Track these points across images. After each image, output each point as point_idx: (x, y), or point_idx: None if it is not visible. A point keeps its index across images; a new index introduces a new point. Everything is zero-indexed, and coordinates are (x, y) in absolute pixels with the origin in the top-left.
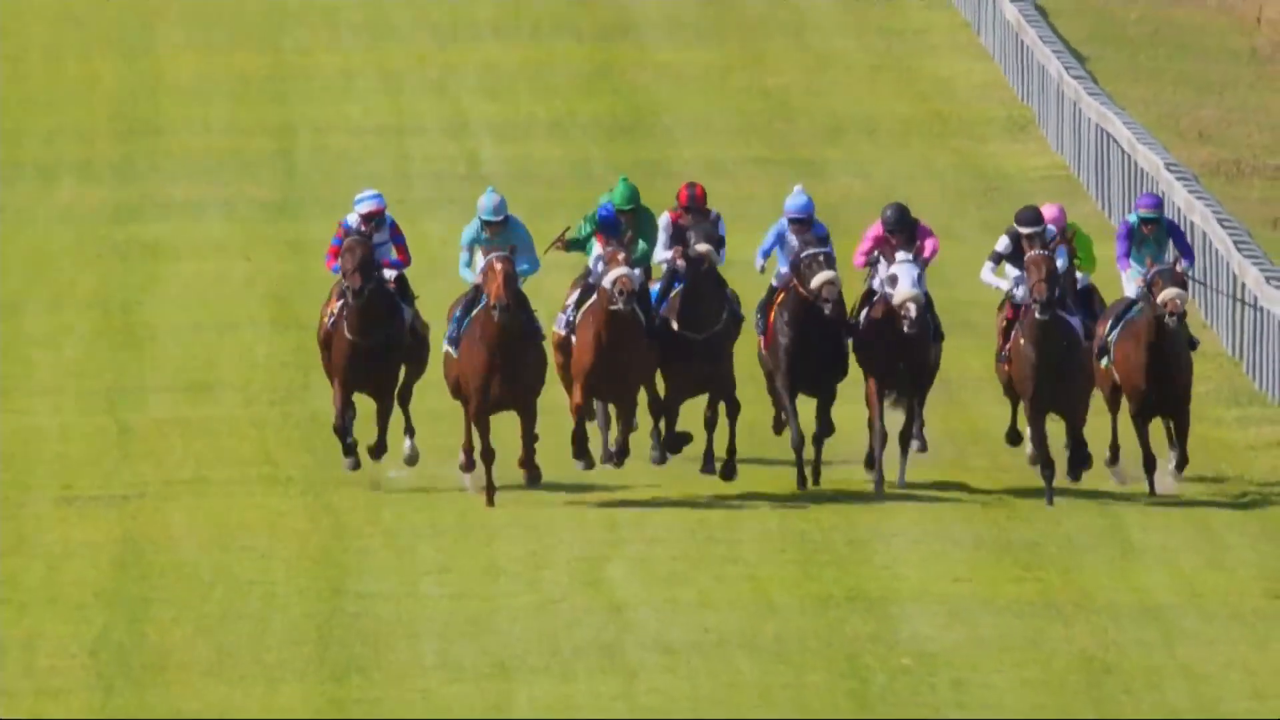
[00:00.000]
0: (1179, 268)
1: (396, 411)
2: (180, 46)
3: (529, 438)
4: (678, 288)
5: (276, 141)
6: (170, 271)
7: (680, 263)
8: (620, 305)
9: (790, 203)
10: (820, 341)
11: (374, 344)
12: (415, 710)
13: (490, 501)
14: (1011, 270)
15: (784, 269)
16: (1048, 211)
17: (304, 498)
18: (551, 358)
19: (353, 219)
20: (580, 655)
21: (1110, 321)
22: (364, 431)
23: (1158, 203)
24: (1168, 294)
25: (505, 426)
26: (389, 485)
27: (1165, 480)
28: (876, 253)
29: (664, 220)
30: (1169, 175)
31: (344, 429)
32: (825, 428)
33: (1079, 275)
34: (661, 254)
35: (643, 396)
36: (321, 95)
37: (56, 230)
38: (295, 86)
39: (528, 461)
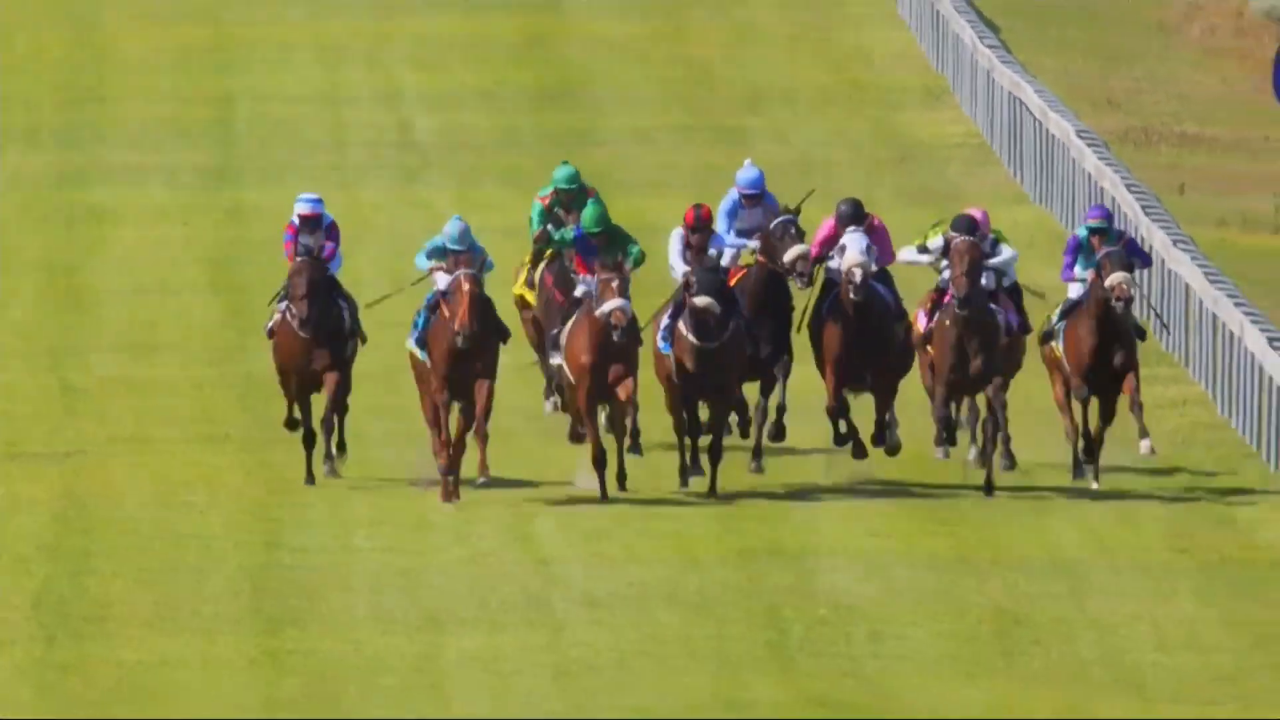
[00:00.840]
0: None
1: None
2: (124, 19)
3: (482, 421)
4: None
5: (216, 111)
6: (113, 236)
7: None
8: (616, 338)
9: (741, 176)
10: (777, 314)
11: (318, 334)
12: (348, 660)
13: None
14: (935, 242)
15: (726, 246)
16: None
17: (240, 455)
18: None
19: (295, 220)
20: (508, 608)
21: (1058, 313)
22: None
23: (1106, 214)
24: (1115, 278)
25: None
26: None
27: (1139, 450)
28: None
29: (677, 233)
30: (1079, 142)
31: (292, 422)
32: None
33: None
34: (676, 262)
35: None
36: (260, 66)
37: (2, 196)
38: (235, 57)
39: (479, 430)
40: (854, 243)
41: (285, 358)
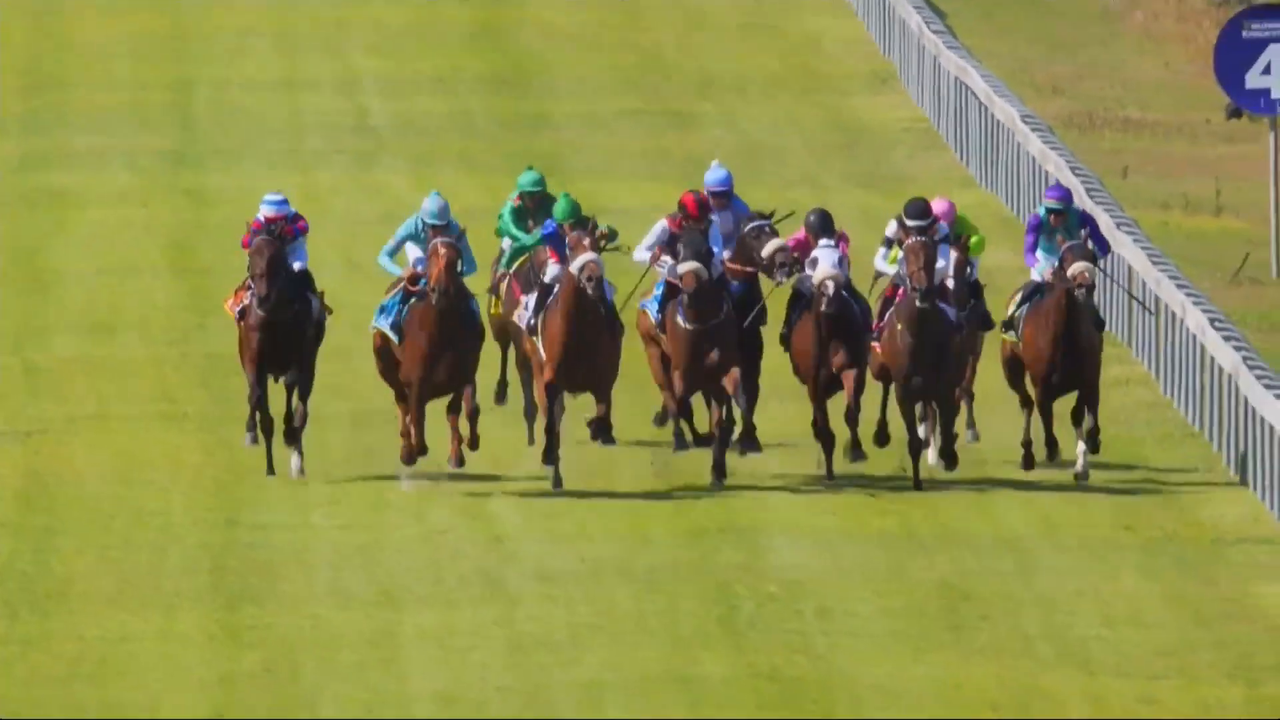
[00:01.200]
0: (1090, 245)
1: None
2: (84, 8)
3: (471, 419)
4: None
5: (175, 96)
6: (74, 219)
7: (659, 268)
8: (590, 290)
9: (709, 176)
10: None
11: (282, 319)
12: (306, 635)
13: (404, 485)
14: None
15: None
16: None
17: (200, 434)
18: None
19: (263, 219)
20: (463, 584)
21: (1019, 299)
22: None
23: (1066, 194)
24: (1077, 267)
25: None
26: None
27: (1079, 459)
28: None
29: (660, 226)
30: (1024, 127)
31: (256, 403)
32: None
33: (970, 264)
34: (641, 254)
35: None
36: (219, 53)
37: None
38: (193, 45)
39: (470, 441)
40: (826, 256)
41: (251, 342)
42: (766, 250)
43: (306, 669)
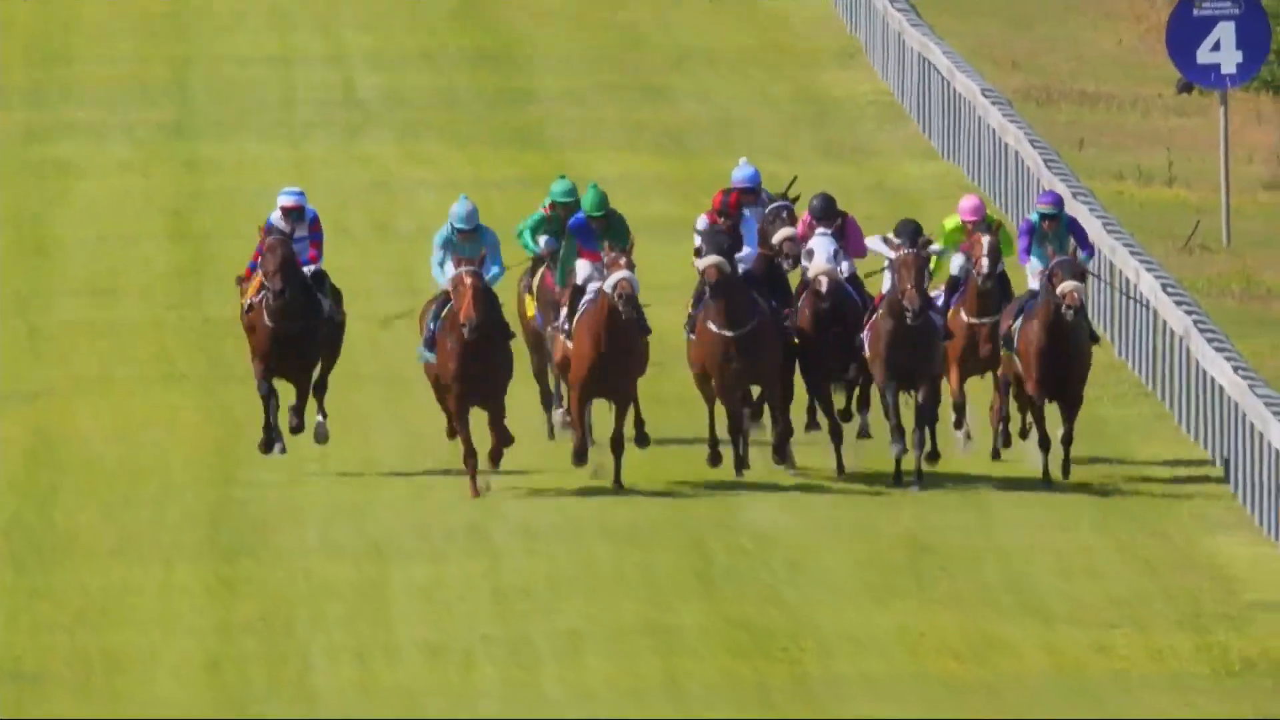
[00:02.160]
0: (1079, 260)
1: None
2: None
3: (498, 429)
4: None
5: (174, 71)
6: (77, 188)
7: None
8: (623, 309)
9: (736, 174)
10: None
11: (292, 332)
12: (298, 587)
13: (475, 493)
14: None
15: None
16: (967, 203)
17: (198, 394)
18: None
19: (276, 215)
20: (450, 539)
21: (1014, 312)
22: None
23: (1058, 199)
24: (1066, 286)
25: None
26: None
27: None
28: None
29: (701, 223)
30: (984, 100)
31: (266, 396)
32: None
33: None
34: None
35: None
36: (215, 30)
37: None
38: (192, 23)
39: (498, 450)
40: (821, 248)
41: (258, 342)
42: (776, 238)
43: (299, 619)
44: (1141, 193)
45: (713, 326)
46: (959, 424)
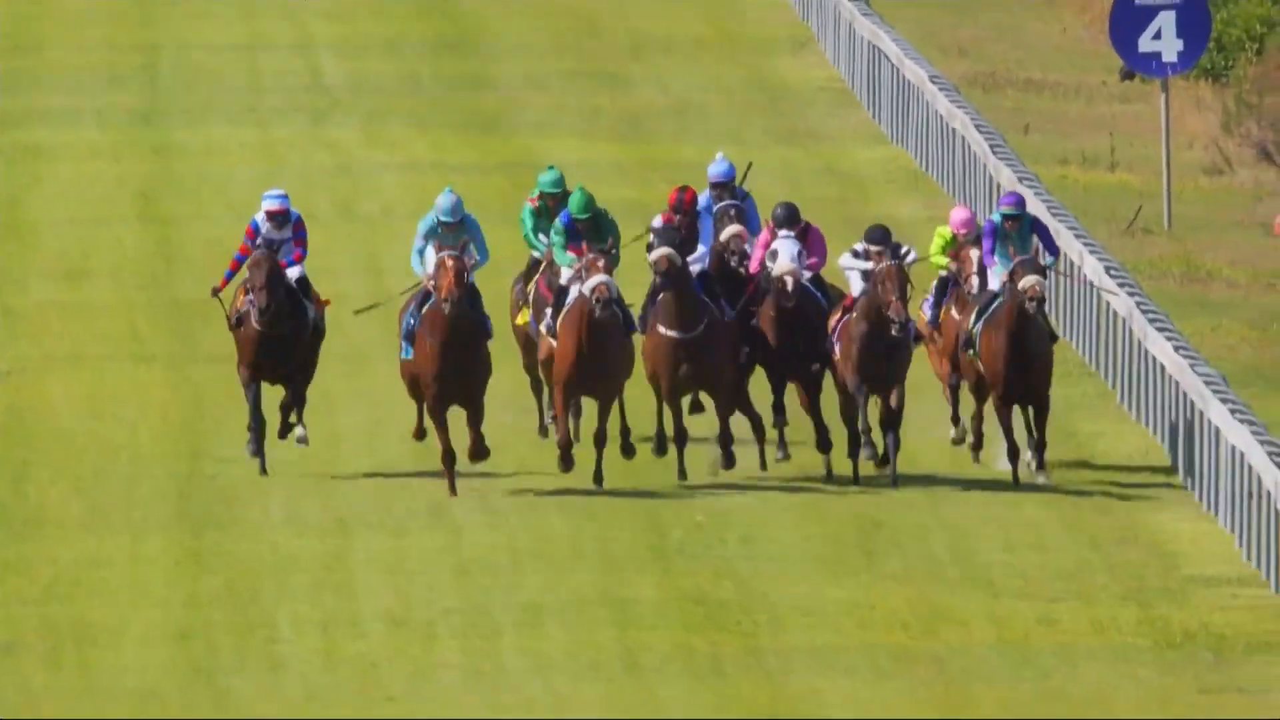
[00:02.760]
0: (1041, 259)
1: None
2: None
3: (476, 429)
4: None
5: (143, 58)
6: (49, 172)
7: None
8: (599, 312)
9: (712, 169)
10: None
11: (280, 333)
12: (265, 560)
13: (453, 492)
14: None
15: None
16: (958, 216)
17: (167, 372)
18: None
19: (260, 217)
20: (412, 514)
21: (975, 314)
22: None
23: (1020, 200)
24: (1027, 280)
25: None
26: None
27: (1027, 468)
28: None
29: (656, 223)
30: (932, 87)
31: (254, 403)
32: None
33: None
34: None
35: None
36: (183, 18)
37: None
38: (160, 11)
39: (476, 450)
40: (785, 249)
41: (248, 353)
42: (724, 235)
43: (265, 590)
44: (1085, 177)
45: (662, 329)
46: (956, 419)
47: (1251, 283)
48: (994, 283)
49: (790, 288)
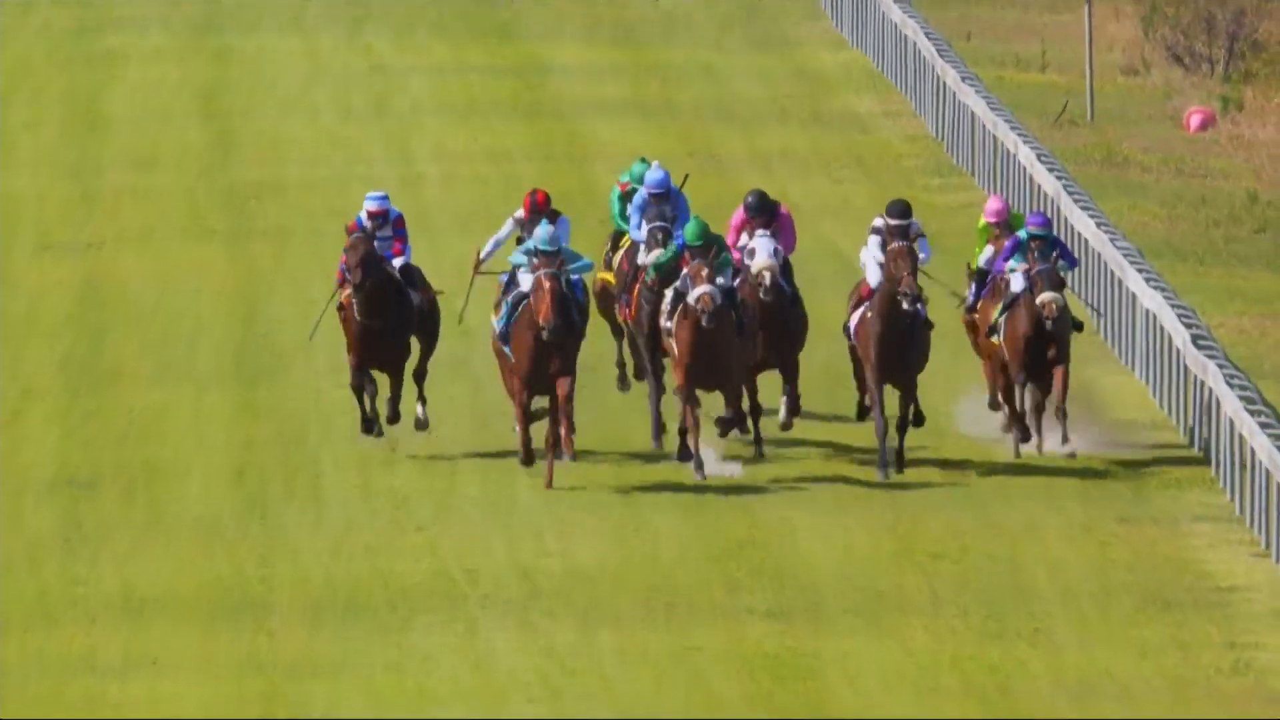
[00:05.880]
0: (1058, 269)
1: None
2: None
3: (568, 422)
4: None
5: None
6: (122, 74)
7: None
8: (705, 323)
9: (650, 177)
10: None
11: (382, 326)
12: (310, 408)
13: (550, 484)
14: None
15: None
16: (992, 206)
17: (224, 247)
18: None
19: (362, 215)
20: (438, 368)
21: (1001, 304)
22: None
23: (1046, 221)
24: (1045, 297)
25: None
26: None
27: (1057, 444)
28: (745, 238)
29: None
30: (943, 62)
31: (360, 391)
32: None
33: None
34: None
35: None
36: None
37: (35, 42)
38: None
39: (567, 442)
40: (762, 246)
41: (351, 336)
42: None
43: (310, 434)
44: (1019, 77)
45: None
46: (993, 405)
47: (1162, 167)
48: (1015, 286)
49: (768, 282)
